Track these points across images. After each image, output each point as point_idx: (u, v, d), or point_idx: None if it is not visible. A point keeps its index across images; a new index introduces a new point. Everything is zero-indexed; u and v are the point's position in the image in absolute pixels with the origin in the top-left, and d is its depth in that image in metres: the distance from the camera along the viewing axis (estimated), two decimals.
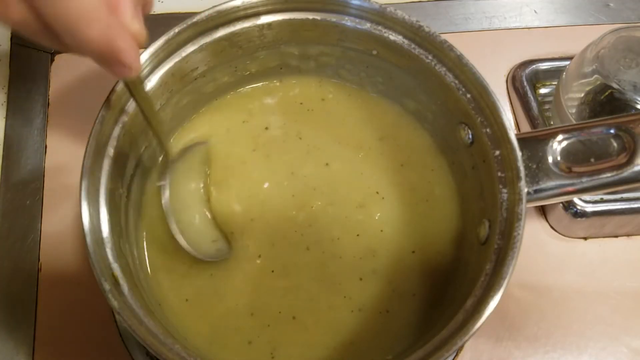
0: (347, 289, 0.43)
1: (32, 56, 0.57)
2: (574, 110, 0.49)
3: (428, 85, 0.44)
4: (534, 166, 0.38)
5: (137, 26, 0.33)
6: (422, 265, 0.44)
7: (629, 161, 0.37)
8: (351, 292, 0.43)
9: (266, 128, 0.48)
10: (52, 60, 0.58)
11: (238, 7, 0.42)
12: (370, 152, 0.48)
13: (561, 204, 0.49)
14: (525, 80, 0.55)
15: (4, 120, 0.53)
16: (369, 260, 0.44)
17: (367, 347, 0.41)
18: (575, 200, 0.48)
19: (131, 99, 0.40)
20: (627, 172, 0.37)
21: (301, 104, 0.49)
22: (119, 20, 0.32)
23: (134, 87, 0.37)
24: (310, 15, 0.44)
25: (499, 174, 0.38)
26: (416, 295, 0.43)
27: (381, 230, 0.45)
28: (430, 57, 0.42)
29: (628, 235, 0.51)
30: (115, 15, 0.31)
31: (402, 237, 0.45)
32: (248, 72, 0.48)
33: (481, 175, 0.41)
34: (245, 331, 0.42)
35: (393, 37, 0.43)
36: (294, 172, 0.46)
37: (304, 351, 0.41)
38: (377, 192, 0.46)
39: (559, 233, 0.51)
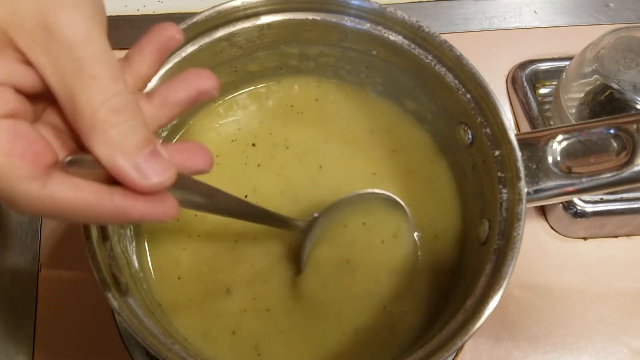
0: (347, 320, 0.42)
1: None
2: (574, 111, 0.50)
3: (428, 86, 0.44)
4: (534, 166, 0.38)
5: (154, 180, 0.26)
6: (427, 268, 0.44)
7: (629, 161, 0.37)
8: (349, 321, 0.42)
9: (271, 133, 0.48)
10: None
11: (238, 7, 0.42)
12: (362, 143, 0.47)
13: (561, 204, 0.49)
14: (525, 80, 0.55)
15: None
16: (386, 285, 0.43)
17: (364, 354, 0.41)
18: (575, 200, 0.48)
19: None
20: (627, 172, 0.37)
21: (292, 106, 0.49)
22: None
23: None
24: (310, 16, 0.44)
25: (499, 174, 0.38)
26: (420, 301, 0.43)
27: (393, 235, 0.44)
28: (430, 57, 0.42)
29: (628, 235, 0.51)
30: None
31: (410, 242, 0.44)
32: (248, 73, 0.48)
33: (481, 176, 0.41)
34: (226, 317, 0.42)
35: (393, 37, 0.43)
36: (289, 179, 0.46)
37: (290, 352, 0.41)
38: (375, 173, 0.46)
39: (559, 233, 0.51)
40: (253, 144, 0.47)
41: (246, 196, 0.45)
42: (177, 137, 0.48)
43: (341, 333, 0.41)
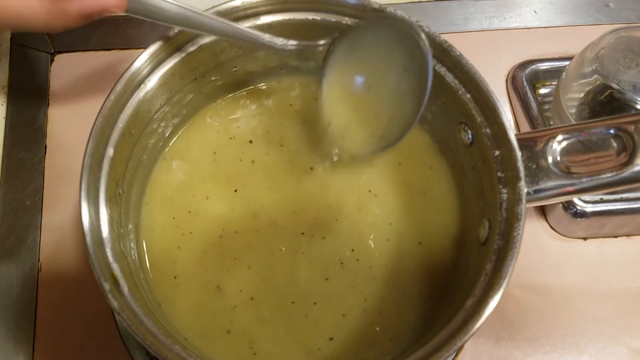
0: (348, 306, 0.43)
1: (32, 56, 0.57)
2: (573, 111, 0.50)
3: None
4: (534, 166, 0.38)
5: None
6: (424, 266, 0.44)
7: (629, 161, 0.37)
8: (350, 308, 0.43)
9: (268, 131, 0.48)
10: (52, 60, 0.58)
11: (238, 7, 0.42)
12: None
13: (561, 204, 0.49)
14: (525, 80, 0.55)
15: (4, 120, 0.53)
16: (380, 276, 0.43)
17: (362, 348, 0.41)
18: (575, 200, 0.48)
19: (131, 99, 0.40)
20: (627, 172, 0.37)
21: (291, 105, 0.49)
22: None
23: None
24: (310, 15, 0.44)
25: (499, 174, 0.38)
26: (418, 296, 0.43)
27: (388, 240, 0.44)
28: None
29: (628, 235, 0.51)
30: None
31: (408, 246, 0.44)
32: (248, 73, 0.48)
33: (481, 176, 0.41)
34: (220, 316, 0.42)
35: None
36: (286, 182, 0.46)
37: (286, 350, 0.41)
38: (370, 190, 0.46)
39: (559, 233, 0.51)
40: (250, 141, 0.48)
41: (236, 190, 0.45)
42: (177, 136, 0.48)
43: (328, 339, 0.41)
